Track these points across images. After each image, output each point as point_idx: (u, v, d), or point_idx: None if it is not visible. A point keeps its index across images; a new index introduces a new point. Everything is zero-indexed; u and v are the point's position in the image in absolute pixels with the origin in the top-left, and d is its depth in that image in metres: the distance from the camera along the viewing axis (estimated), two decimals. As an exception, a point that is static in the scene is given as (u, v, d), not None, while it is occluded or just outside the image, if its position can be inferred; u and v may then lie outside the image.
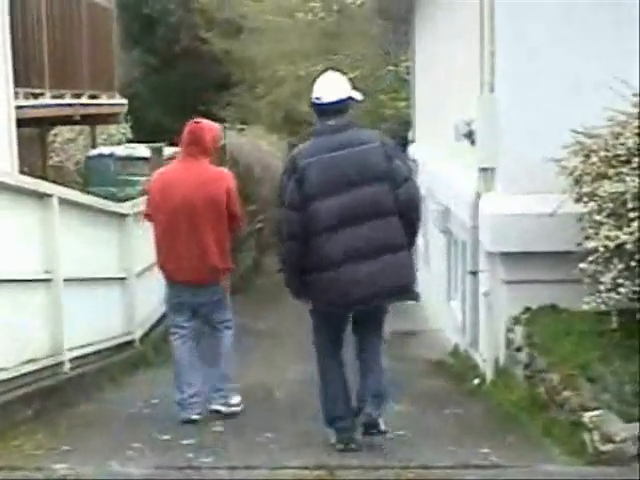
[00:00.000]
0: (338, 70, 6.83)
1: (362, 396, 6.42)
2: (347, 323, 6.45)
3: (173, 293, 7.44)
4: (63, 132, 20.71)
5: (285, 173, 6.21)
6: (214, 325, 7.53)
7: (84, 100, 17.19)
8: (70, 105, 16.28)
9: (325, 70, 6.77)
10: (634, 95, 7.13)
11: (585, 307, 6.87)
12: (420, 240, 15.92)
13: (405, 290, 6.38)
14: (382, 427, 6.42)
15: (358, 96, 6.41)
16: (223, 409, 7.47)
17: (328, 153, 6.09)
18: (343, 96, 6.28)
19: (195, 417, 7.33)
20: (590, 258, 6.79)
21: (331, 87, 6.30)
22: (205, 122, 7.41)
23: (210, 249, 7.12)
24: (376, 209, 6.05)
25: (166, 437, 6.91)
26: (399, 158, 6.27)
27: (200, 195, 7.04)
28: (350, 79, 6.83)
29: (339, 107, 6.23)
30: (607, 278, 6.63)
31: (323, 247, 6.04)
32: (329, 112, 6.21)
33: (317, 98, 6.26)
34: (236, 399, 7.57)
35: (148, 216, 7.48)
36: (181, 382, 7.42)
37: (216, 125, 7.65)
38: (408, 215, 6.18)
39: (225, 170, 7.46)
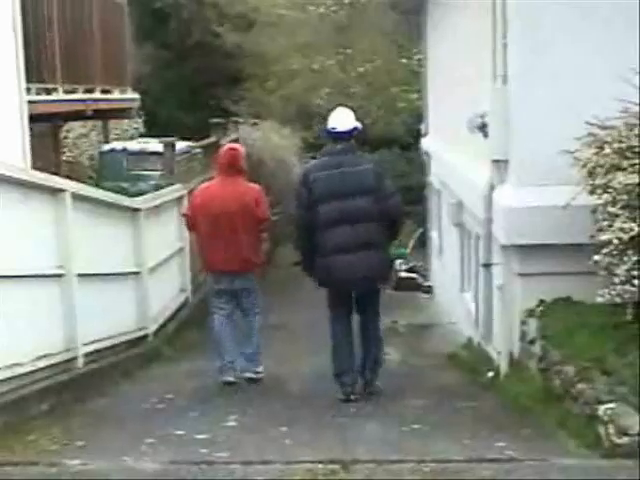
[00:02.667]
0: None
1: (363, 363, 8.26)
2: (350, 299, 8.24)
3: (215, 281, 9.12)
4: (76, 127, 20.74)
5: (300, 183, 8.16)
6: (244, 310, 9.11)
7: (96, 95, 17.22)
8: (82, 100, 16.31)
9: (338, 105, 8.78)
10: (648, 86, 7.10)
11: (599, 300, 6.84)
12: (434, 233, 15.92)
13: (379, 278, 8.28)
14: (377, 385, 8.27)
15: (360, 125, 8.25)
16: (254, 376, 8.97)
17: (332, 170, 7.96)
18: (351, 127, 8.13)
19: (232, 380, 8.87)
20: (604, 250, 6.76)
21: (344, 119, 8.19)
22: (238, 146, 9.44)
23: (244, 245, 8.79)
24: (363, 215, 7.86)
25: (180, 432, 6.91)
26: (386, 178, 8.08)
27: (236, 205, 8.74)
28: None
29: (348, 135, 8.09)
30: (621, 270, 6.60)
31: (324, 239, 7.93)
32: (341, 138, 8.07)
33: (333, 127, 8.12)
34: (260, 368, 9.07)
35: (190, 219, 9.18)
36: (221, 351, 8.98)
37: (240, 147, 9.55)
38: (394, 220, 8.09)
39: (254, 185, 9.09)
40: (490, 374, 8.98)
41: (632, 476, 5.24)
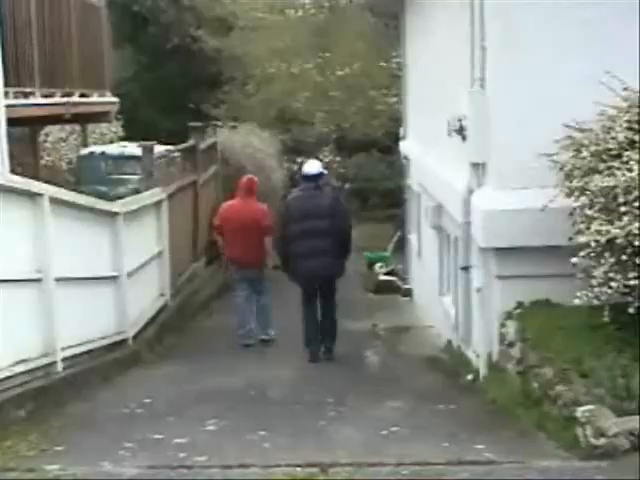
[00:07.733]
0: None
1: (323, 337, 11.03)
2: (315, 291, 11.07)
3: (236, 271, 12.39)
4: (54, 131, 20.63)
5: (283, 208, 11.41)
6: (258, 291, 12.20)
7: (75, 99, 17.09)
8: (61, 104, 16.19)
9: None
10: (624, 89, 7.13)
11: (577, 302, 6.85)
12: (413, 236, 15.94)
13: (332, 275, 11.03)
14: (334, 351, 11.01)
15: (325, 171, 11.60)
16: (267, 337, 12.02)
17: (302, 200, 11.00)
18: (317, 172, 11.12)
19: (251, 343, 11.88)
20: (582, 253, 6.79)
21: (313, 167, 11.23)
22: (254, 177, 12.68)
23: (255, 247, 11.87)
24: (320, 233, 10.68)
25: (159, 436, 6.91)
26: (339, 206, 11.07)
27: (249, 219, 11.90)
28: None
29: (316, 177, 11.05)
30: (599, 272, 6.63)
31: (294, 248, 10.82)
32: (311, 179, 11.03)
33: (305, 172, 11.15)
34: (273, 332, 12.11)
35: (219, 229, 12.42)
36: (241, 322, 12.06)
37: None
38: (342, 238, 10.89)
39: (262, 205, 12.24)
40: (469, 377, 9.00)
41: (609, 476, 5.27)
